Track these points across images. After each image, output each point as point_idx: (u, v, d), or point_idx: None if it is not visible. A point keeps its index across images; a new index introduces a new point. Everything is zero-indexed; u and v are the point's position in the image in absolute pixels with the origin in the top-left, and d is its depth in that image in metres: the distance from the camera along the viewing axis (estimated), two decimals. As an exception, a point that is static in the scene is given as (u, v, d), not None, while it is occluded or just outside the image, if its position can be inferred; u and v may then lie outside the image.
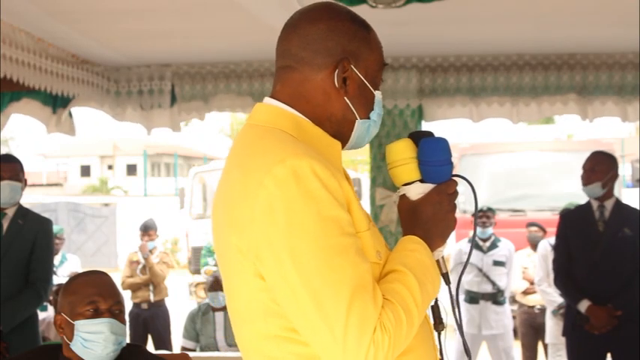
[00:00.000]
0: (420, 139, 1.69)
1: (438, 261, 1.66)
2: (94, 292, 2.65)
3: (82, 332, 2.61)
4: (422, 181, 1.67)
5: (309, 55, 1.65)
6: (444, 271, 1.68)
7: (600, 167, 4.74)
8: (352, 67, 1.65)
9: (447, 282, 1.70)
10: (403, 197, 1.69)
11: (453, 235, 1.73)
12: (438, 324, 1.69)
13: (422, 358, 1.62)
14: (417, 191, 1.67)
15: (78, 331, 2.62)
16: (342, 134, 1.68)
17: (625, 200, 5.46)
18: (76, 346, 2.63)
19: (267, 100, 1.69)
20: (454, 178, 1.69)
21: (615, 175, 4.79)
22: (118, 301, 2.68)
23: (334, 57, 1.64)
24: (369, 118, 1.69)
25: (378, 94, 1.69)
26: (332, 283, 1.46)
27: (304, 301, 1.48)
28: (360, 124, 1.67)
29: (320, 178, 1.50)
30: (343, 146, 1.70)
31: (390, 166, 1.69)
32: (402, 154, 1.68)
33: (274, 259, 1.51)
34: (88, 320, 2.62)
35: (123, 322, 2.67)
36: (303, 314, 1.49)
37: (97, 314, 2.63)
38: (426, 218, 1.65)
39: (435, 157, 1.66)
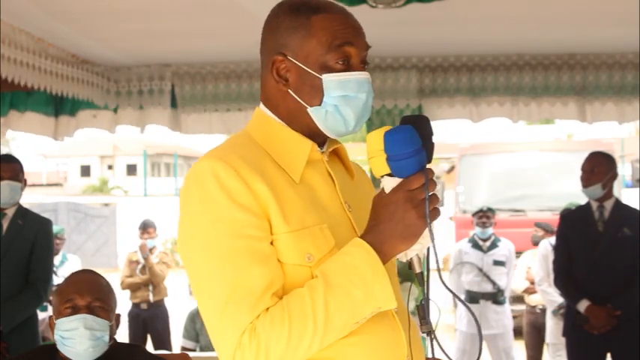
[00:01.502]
0: (414, 124, 1.58)
1: (411, 260, 1.57)
2: (72, 290, 2.65)
3: (61, 330, 2.61)
4: (391, 175, 1.55)
5: (261, 58, 1.71)
6: (418, 271, 1.57)
7: (600, 168, 4.75)
8: (289, 58, 1.64)
9: (421, 283, 1.58)
10: (382, 190, 1.58)
11: (453, 235, 1.66)
12: (422, 325, 1.57)
13: None
14: (388, 185, 1.55)
15: (58, 330, 2.62)
16: (309, 127, 1.66)
17: (625, 200, 5.47)
18: (59, 345, 2.63)
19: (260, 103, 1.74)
20: (427, 169, 1.56)
21: (614, 176, 4.80)
22: (98, 298, 2.65)
23: (272, 54, 1.66)
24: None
25: (328, 76, 1.62)
26: (210, 286, 1.51)
27: (197, 297, 1.57)
28: (313, 113, 1.64)
29: (219, 179, 1.53)
30: (322, 138, 1.68)
31: (367, 157, 1.60)
32: (372, 145, 1.57)
33: (179, 253, 1.62)
34: (65, 318, 2.62)
35: (106, 318, 2.64)
36: (200, 311, 1.58)
37: (74, 312, 2.62)
38: (379, 220, 1.54)
39: (395, 151, 1.53)
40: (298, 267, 1.54)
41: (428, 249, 1.59)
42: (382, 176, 1.57)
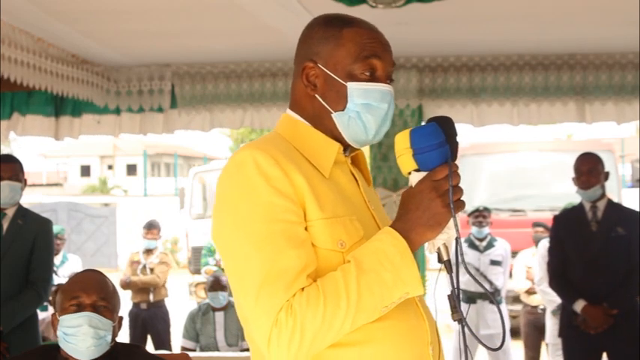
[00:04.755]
0: (438, 122, 1.66)
1: (438, 247, 1.66)
2: (77, 288, 2.66)
3: (64, 327, 2.61)
4: (418, 170, 1.65)
5: (294, 67, 1.82)
6: (445, 259, 1.67)
7: (597, 170, 4.76)
8: (319, 65, 1.75)
9: (448, 270, 1.67)
10: (409, 187, 1.69)
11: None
12: (453, 313, 1.66)
13: (386, 351, 1.63)
14: (415, 180, 1.66)
15: (61, 327, 2.62)
16: (332, 132, 1.76)
17: (625, 200, 5.48)
18: (61, 342, 2.63)
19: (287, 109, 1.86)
20: (451, 162, 1.65)
21: (607, 175, 4.82)
22: (104, 297, 2.66)
23: (303, 61, 1.78)
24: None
25: (353, 84, 1.73)
26: (247, 267, 1.58)
27: (231, 279, 1.64)
28: (337, 118, 1.74)
29: (259, 166, 1.62)
30: (345, 144, 1.77)
31: (396, 156, 1.70)
32: (399, 144, 1.67)
33: (213, 238, 1.68)
34: (69, 315, 2.62)
35: (110, 318, 2.65)
36: (234, 293, 1.65)
37: (80, 309, 2.62)
38: (407, 209, 1.63)
39: (419, 145, 1.63)
40: (331, 252, 1.64)
41: (456, 239, 1.67)
42: (409, 173, 1.67)
